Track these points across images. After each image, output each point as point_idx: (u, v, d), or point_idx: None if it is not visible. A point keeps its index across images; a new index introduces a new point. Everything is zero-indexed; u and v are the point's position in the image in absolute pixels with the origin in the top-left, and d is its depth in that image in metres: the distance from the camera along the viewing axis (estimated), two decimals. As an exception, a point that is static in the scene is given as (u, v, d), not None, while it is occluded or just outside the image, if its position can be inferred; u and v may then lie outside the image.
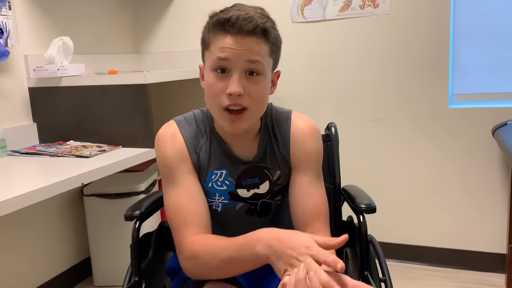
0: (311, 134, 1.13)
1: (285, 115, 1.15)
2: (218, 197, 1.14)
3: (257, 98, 1.02)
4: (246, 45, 0.98)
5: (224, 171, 1.12)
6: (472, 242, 2.31)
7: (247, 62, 0.99)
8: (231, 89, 0.98)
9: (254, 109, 1.03)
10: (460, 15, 2.21)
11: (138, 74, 1.96)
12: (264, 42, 1.01)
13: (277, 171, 1.14)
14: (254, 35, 0.98)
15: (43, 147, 1.96)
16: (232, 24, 0.97)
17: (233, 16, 0.97)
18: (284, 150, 1.13)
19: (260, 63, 1.00)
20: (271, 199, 1.16)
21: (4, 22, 1.91)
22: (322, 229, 1.08)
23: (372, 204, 1.17)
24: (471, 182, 2.27)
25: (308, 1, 2.39)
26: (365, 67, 2.36)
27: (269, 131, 1.14)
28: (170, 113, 2.82)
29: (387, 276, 1.12)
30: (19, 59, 2.04)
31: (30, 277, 2.13)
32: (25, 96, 2.08)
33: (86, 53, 2.42)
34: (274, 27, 1.04)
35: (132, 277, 1.15)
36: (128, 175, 2.43)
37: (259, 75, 1.01)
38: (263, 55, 1.01)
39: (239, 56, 0.98)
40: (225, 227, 1.18)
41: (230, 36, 0.98)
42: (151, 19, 2.77)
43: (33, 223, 2.13)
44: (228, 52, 0.98)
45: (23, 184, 1.44)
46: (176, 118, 1.15)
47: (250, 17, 0.98)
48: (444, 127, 2.27)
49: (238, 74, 0.99)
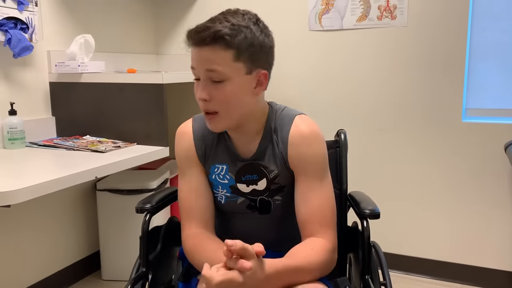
0: (310, 138, 1.13)
1: (290, 117, 1.16)
2: (221, 190, 1.21)
3: (224, 102, 1.07)
4: (203, 55, 1.04)
5: (224, 166, 1.19)
6: (480, 258, 2.30)
7: (206, 71, 1.05)
8: (197, 95, 1.08)
9: (225, 111, 1.08)
10: (477, 31, 2.22)
11: (156, 74, 2.00)
12: (223, 49, 1.02)
13: (274, 170, 1.16)
14: (209, 45, 1.02)
15: (60, 141, 2.01)
16: (191, 36, 1.04)
17: (195, 28, 1.04)
18: (283, 150, 1.15)
19: (217, 71, 1.04)
20: (269, 197, 1.19)
21: (30, 17, 1.98)
22: (321, 232, 1.10)
23: (376, 210, 1.19)
24: (481, 197, 2.26)
25: (326, 10, 2.42)
26: (379, 78, 2.38)
27: (271, 132, 1.16)
28: (185, 113, 2.87)
29: (388, 280, 1.13)
30: (42, 54, 2.11)
31: (41, 267, 2.18)
32: (46, 90, 2.14)
33: (107, 51, 2.48)
34: (234, 31, 1.03)
35: (140, 267, 1.19)
36: (141, 172, 2.48)
37: (223, 81, 1.05)
38: (221, 63, 1.03)
39: (200, 66, 1.05)
40: (231, 219, 1.25)
41: (194, 48, 1.05)
42: (172, 22, 2.83)
43: (47, 215, 2.19)
44: (193, 62, 1.07)
45: (39, 175, 1.48)
46: (196, 115, 1.25)
47: (205, 28, 1.02)
48: (456, 141, 2.27)
49: (204, 82, 1.06)
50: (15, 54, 1.89)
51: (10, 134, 1.89)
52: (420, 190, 2.37)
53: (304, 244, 1.10)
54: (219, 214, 1.25)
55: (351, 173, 1.65)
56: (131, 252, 2.24)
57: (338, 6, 2.39)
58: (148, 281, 1.19)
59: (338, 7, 2.39)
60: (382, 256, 1.20)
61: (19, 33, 1.90)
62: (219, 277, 0.89)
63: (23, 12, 1.94)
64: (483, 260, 2.29)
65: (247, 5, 2.53)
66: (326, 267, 1.08)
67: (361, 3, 2.34)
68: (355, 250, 1.27)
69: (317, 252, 1.06)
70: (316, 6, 2.43)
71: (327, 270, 1.09)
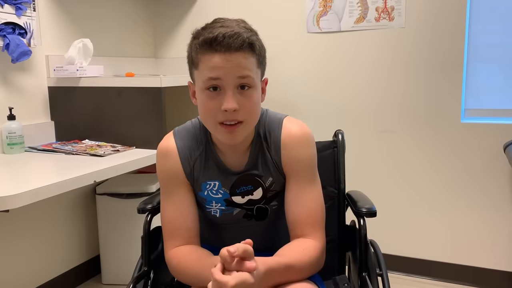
0: (303, 139, 1.13)
1: (278, 121, 1.15)
2: (215, 204, 1.17)
3: (251, 111, 1.05)
4: (235, 62, 0.99)
5: (216, 182, 1.15)
6: (480, 258, 2.29)
7: (238, 78, 1.00)
8: (226, 106, 1.00)
9: (249, 120, 1.06)
10: (475, 32, 2.22)
11: (154, 78, 2.01)
12: (251, 55, 1.02)
13: (269, 178, 1.15)
14: (242, 50, 0.99)
15: (59, 145, 2.02)
16: (219, 42, 0.98)
17: (219, 34, 0.98)
18: (276, 156, 1.14)
19: (250, 77, 1.02)
20: (266, 204, 1.18)
21: (28, 22, 1.98)
22: (312, 233, 1.10)
23: (373, 209, 1.19)
24: (481, 198, 2.26)
25: (324, 12, 2.43)
26: (378, 79, 2.38)
27: (261, 139, 1.15)
28: (183, 116, 2.87)
29: (384, 271, 1.14)
30: (40, 59, 2.11)
31: (41, 272, 2.18)
32: (45, 95, 2.15)
33: (106, 55, 2.48)
34: (258, 39, 1.05)
35: (142, 267, 1.20)
36: (140, 176, 2.48)
37: (251, 88, 1.03)
38: (251, 68, 1.02)
39: (229, 74, 1.00)
40: (225, 230, 1.22)
41: (219, 55, 0.99)
42: (170, 25, 2.84)
43: (46, 219, 2.19)
44: (218, 71, 0.99)
45: (38, 179, 1.48)
46: (176, 129, 1.19)
47: (236, 33, 0.98)
48: (456, 142, 2.27)
49: (232, 91, 1.01)
50: (14, 59, 1.90)
51: (9, 139, 1.89)
52: (419, 191, 2.37)
53: (296, 244, 1.10)
54: (212, 224, 1.22)
55: (352, 174, 1.66)
56: (131, 256, 2.24)
57: (335, 8, 2.40)
58: (150, 280, 1.19)
59: (335, 9, 2.40)
60: (380, 253, 1.21)
61: (18, 38, 1.91)
62: (234, 280, 0.88)
63: (21, 17, 1.94)
64: (482, 261, 2.29)
65: (245, 9, 2.56)
66: (316, 267, 1.09)
67: (359, 5, 2.35)
68: (353, 248, 1.27)
69: (309, 253, 1.07)
70: (314, 8, 2.44)
71: (316, 269, 1.10)
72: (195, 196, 1.18)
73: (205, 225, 1.22)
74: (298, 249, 1.07)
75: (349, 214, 1.35)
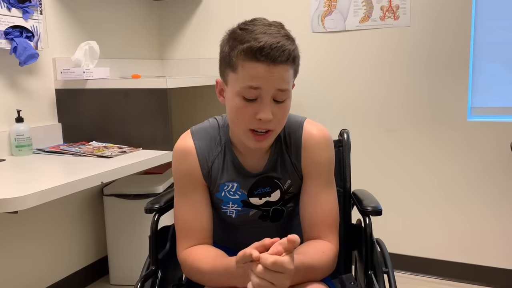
0: (323, 142, 1.13)
1: (298, 123, 1.15)
2: (231, 205, 1.17)
3: (282, 120, 1.05)
4: (277, 74, 0.98)
5: (235, 184, 1.15)
6: (489, 257, 2.28)
7: (277, 90, 1.00)
8: (262, 116, 0.99)
9: (278, 129, 1.07)
10: (481, 30, 2.22)
11: (160, 79, 2.02)
12: (291, 67, 1.01)
13: (287, 180, 1.15)
14: (282, 63, 0.98)
15: (67, 147, 2.03)
16: (266, 54, 0.96)
17: (266, 44, 0.95)
18: (296, 159, 1.14)
19: (287, 91, 1.01)
20: (283, 206, 1.18)
21: (35, 26, 2.00)
22: (328, 235, 1.11)
23: (378, 207, 1.19)
24: (488, 196, 2.25)
25: (329, 12, 2.43)
26: (383, 78, 2.38)
27: (281, 141, 1.15)
28: (190, 117, 2.88)
29: (390, 270, 1.14)
30: (47, 61, 2.13)
31: (49, 273, 2.19)
32: (52, 97, 2.16)
33: (112, 57, 2.50)
34: (297, 48, 1.04)
35: (150, 266, 1.20)
36: (147, 177, 2.49)
37: (287, 98, 1.03)
38: (289, 81, 1.02)
39: (270, 85, 0.98)
40: (239, 230, 1.22)
41: (262, 65, 0.96)
42: (175, 27, 2.85)
43: (54, 220, 2.20)
44: (259, 82, 0.98)
45: (46, 181, 1.49)
46: (193, 128, 1.18)
47: (281, 46, 0.97)
48: (462, 140, 2.26)
49: (269, 101, 1.00)
50: (21, 62, 1.92)
51: (17, 141, 1.91)
52: (425, 189, 2.37)
53: (315, 245, 1.09)
54: (225, 225, 1.22)
55: (357, 173, 1.66)
56: (139, 257, 2.25)
57: (340, 8, 2.40)
58: (158, 279, 1.20)
59: (340, 8, 2.40)
60: (386, 252, 1.21)
61: (25, 41, 1.93)
62: (272, 257, 0.86)
63: (28, 20, 1.96)
64: (490, 259, 2.28)
65: (250, 8, 2.56)
66: (330, 270, 1.10)
67: (364, 4, 2.35)
68: (359, 247, 1.28)
69: (327, 256, 1.07)
70: (318, 7, 2.44)
71: (330, 272, 1.11)
72: (211, 197, 1.17)
73: (218, 225, 1.22)
74: (318, 250, 1.07)
75: (355, 213, 1.35)
